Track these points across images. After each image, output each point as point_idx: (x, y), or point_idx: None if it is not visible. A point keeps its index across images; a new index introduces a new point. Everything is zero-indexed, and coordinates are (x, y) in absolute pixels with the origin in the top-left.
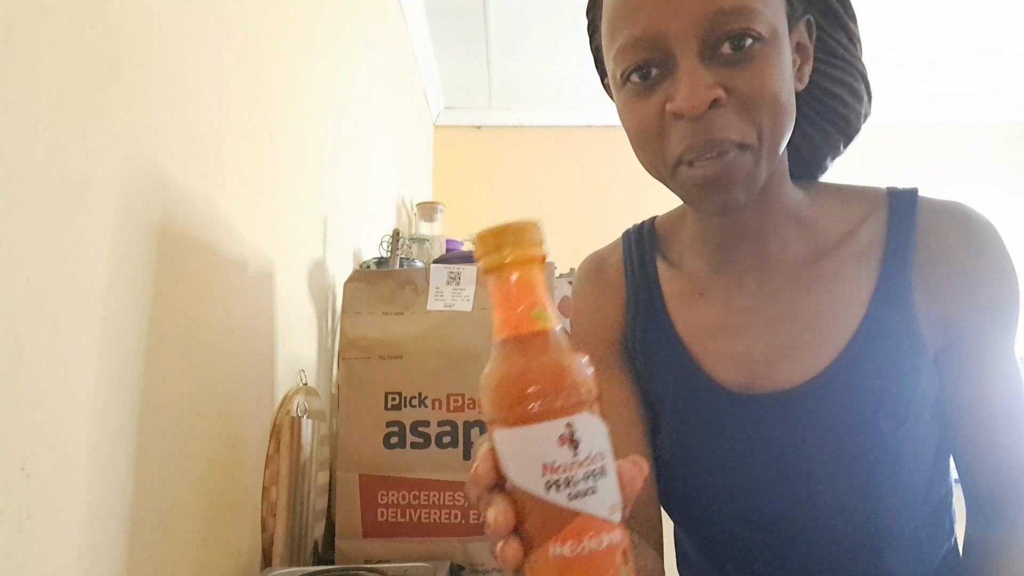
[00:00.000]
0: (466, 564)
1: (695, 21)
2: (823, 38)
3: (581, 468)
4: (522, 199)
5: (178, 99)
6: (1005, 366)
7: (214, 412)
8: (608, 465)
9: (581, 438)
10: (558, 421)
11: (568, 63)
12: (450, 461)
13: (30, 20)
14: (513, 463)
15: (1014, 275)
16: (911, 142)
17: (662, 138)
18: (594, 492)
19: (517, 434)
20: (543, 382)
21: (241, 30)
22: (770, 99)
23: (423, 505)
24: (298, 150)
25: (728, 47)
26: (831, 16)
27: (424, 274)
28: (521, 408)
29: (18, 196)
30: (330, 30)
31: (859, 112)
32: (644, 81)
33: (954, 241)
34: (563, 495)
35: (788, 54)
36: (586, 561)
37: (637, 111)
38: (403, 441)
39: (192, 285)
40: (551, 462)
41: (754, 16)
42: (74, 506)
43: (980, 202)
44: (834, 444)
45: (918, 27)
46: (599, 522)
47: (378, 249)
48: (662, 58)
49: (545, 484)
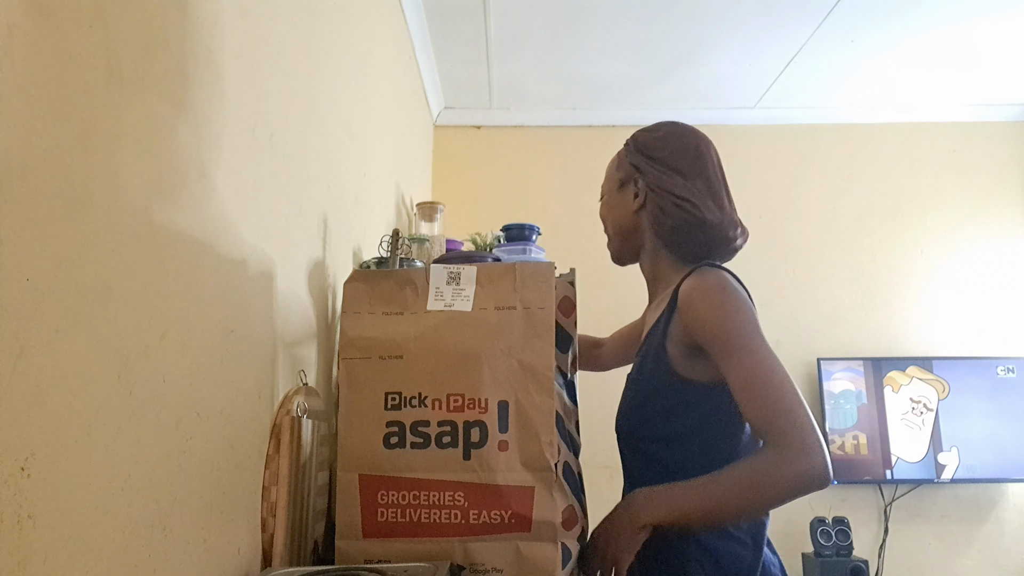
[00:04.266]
0: (466, 564)
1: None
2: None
3: None
4: (522, 199)
5: (178, 98)
6: (744, 360)
7: (214, 412)
8: None
9: None
10: None
11: (568, 63)
12: (450, 461)
13: (30, 20)
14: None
15: (719, 308)
16: (914, 142)
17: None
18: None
19: None
20: None
21: (241, 29)
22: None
23: (423, 505)
24: (298, 150)
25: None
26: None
27: (424, 274)
28: None
29: (18, 196)
30: (330, 29)
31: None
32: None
33: (688, 296)
34: None
35: (619, 197)
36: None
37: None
38: (403, 441)
39: (192, 285)
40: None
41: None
42: (74, 506)
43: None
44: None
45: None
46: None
47: (378, 249)
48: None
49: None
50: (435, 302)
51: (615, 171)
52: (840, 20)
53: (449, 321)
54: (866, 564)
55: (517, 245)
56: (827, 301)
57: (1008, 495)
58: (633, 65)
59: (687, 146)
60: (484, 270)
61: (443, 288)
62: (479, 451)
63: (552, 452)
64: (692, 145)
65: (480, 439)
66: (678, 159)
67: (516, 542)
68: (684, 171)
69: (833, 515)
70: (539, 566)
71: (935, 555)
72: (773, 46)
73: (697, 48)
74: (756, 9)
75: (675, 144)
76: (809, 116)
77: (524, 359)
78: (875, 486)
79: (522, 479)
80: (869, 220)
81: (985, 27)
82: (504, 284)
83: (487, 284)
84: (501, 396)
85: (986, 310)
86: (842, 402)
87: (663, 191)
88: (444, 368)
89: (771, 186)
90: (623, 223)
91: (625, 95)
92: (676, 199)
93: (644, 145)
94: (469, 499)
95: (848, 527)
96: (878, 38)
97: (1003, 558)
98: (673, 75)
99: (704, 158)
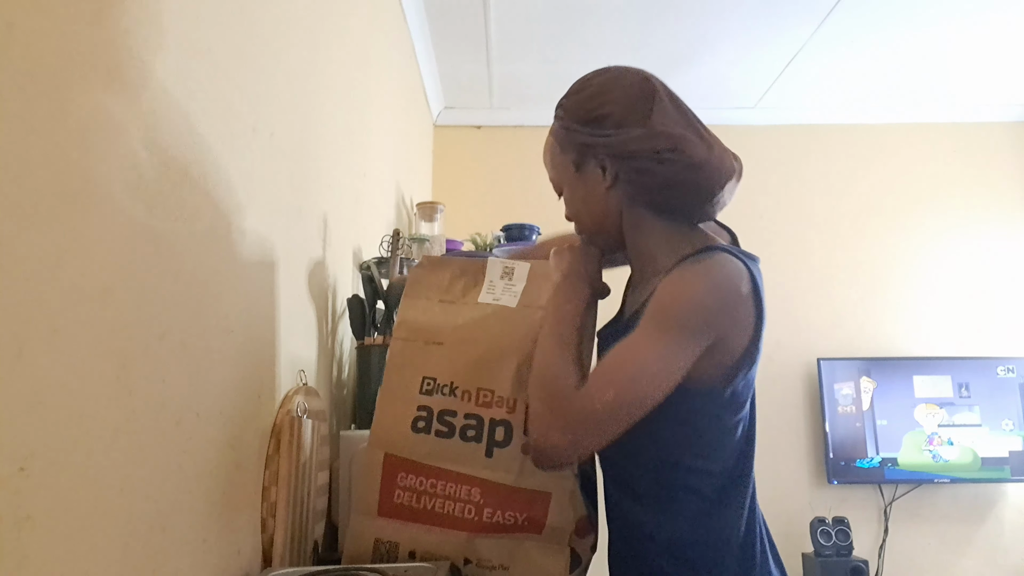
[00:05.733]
0: (473, 559)
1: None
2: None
3: None
4: (522, 199)
5: (178, 98)
6: (638, 336)
7: (214, 412)
8: None
9: None
10: None
11: (568, 63)
12: (472, 455)
13: (30, 19)
14: None
15: (678, 287)
16: (914, 142)
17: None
18: None
19: None
20: None
21: (241, 28)
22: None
23: (439, 495)
24: (298, 149)
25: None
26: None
27: (481, 266)
28: None
29: (18, 196)
30: (330, 29)
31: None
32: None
33: (668, 278)
34: None
35: (582, 183)
36: None
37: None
38: (429, 427)
39: (192, 285)
40: None
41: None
42: (74, 506)
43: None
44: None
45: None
46: None
47: (378, 249)
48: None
49: None
50: (486, 295)
51: (560, 155)
52: (840, 20)
53: (493, 315)
54: (866, 564)
55: (517, 245)
56: (827, 301)
57: (1008, 495)
58: (633, 65)
59: (627, 91)
60: (538, 268)
61: (496, 282)
62: (502, 450)
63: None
64: (631, 86)
65: (504, 438)
66: (624, 111)
67: (525, 542)
68: (637, 120)
69: (833, 515)
70: (547, 568)
71: (935, 555)
72: (773, 46)
73: (697, 48)
74: (756, 9)
75: (611, 95)
76: (809, 116)
77: None
78: (875, 486)
79: (541, 484)
80: (869, 220)
81: (985, 27)
82: (550, 285)
83: (540, 281)
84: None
85: (986, 310)
86: (842, 402)
87: (632, 153)
88: (478, 361)
89: (771, 186)
90: (599, 208)
91: None
92: (654, 154)
93: (577, 113)
94: (485, 497)
95: (848, 527)
96: (878, 38)
97: (1003, 558)
98: (673, 75)
99: (653, 94)
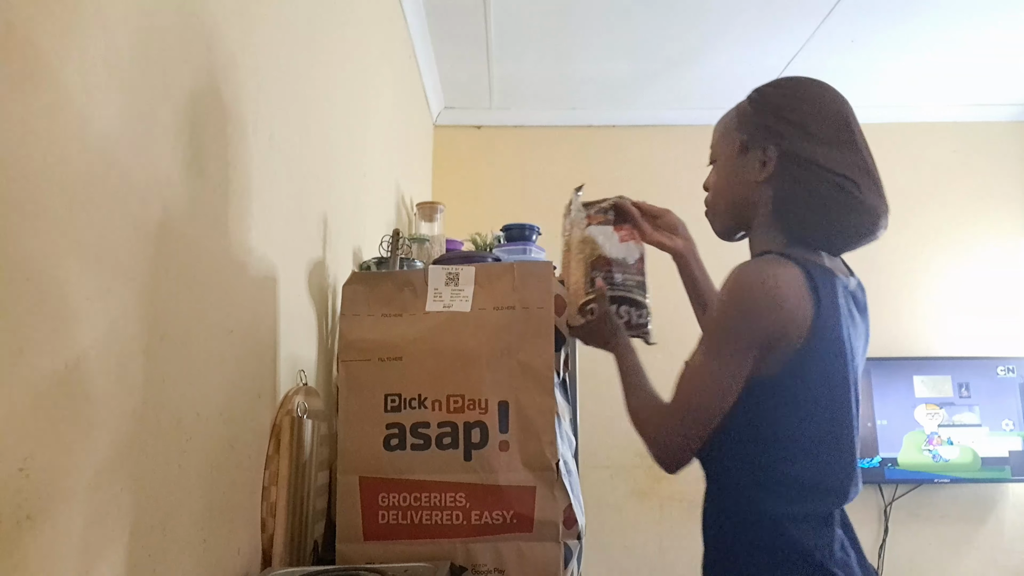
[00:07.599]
0: (468, 565)
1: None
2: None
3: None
4: (522, 199)
5: (177, 98)
6: (699, 353)
7: (214, 412)
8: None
9: None
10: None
11: (568, 63)
12: (451, 462)
13: (30, 19)
14: None
15: (730, 305)
16: (914, 142)
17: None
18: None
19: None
20: None
21: (240, 29)
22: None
23: (424, 507)
24: (297, 150)
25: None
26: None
27: (423, 275)
28: None
29: (18, 196)
30: (330, 29)
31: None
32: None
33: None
34: None
35: (738, 164)
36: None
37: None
38: (403, 443)
39: (192, 285)
40: None
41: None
42: (74, 506)
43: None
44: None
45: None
46: None
47: (378, 249)
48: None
49: None
50: (434, 303)
51: (734, 131)
52: (840, 20)
53: (448, 322)
54: None
55: (517, 245)
56: None
57: (1008, 495)
58: (633, 65)
59: (828, 109)
60: (483, 270)
61: (442, 289)
62: (480, 452)
63: (553, 451)
64: (835, 109)
65: (481, 440)
66: (820, 124)
67: (518, 543)
68: (829, 139)
69: None
70: (541, 566)
71: (935, 555)
72: (773, 46)
73: (697, 48)
74: (756, 9)
75: (814, 106)
76: None
77: (524, 359)
78: (875, 486)
79: (523, 479)
80: None
81: (985, 27)
82: (503, 284)
83: (486, 284)
84: (501, 396)
85: (986, 310)
86: None
87: (807, 163)
88: (444, 369)
89: None
90: (740, 194)
91: (625, 95)
92: (834, 176)
93: (775, 104)
94: (471, 500)
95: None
96: (878, 38)
97: (1003, 558)
98: (673, 75)
99: (851, 125)
